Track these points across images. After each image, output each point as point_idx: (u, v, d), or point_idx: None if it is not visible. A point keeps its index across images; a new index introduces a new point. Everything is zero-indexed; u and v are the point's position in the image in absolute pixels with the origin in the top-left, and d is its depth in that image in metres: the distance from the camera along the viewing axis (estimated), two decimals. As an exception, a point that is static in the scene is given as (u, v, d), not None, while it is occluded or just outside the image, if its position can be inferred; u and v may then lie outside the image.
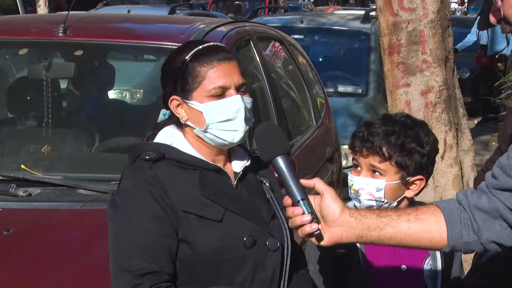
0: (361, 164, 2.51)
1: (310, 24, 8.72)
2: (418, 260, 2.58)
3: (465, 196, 1.94)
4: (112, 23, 4.49)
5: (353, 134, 2.56)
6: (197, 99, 2.20)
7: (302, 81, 5.08)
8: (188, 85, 2.21)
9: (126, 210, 2.13)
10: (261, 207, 2.26)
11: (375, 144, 2.47)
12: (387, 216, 1.95)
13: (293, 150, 4.31)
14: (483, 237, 1.90)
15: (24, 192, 3.05)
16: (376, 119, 2.58)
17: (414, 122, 2.57)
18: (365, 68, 7.66)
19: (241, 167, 2.28)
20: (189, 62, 2.21)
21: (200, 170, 2.20)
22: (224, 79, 2.20)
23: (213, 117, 2.19)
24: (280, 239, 2.22)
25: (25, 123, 3.77)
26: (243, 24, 4.54)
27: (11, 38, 3.91)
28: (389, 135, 2.49)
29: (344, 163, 6.41)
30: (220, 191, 2.19)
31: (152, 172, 2.15)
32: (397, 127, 2.50)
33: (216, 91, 2.19)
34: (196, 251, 2.12)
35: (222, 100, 2.19)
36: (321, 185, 1.99)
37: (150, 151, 2.19)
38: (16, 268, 2.67)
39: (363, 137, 2.50)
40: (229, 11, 18.75)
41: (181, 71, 2.21)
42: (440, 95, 4.47)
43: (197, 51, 2.22)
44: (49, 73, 3.73)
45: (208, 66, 2.20)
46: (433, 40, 4.44)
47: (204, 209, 2.14)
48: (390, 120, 2.56)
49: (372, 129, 2.50)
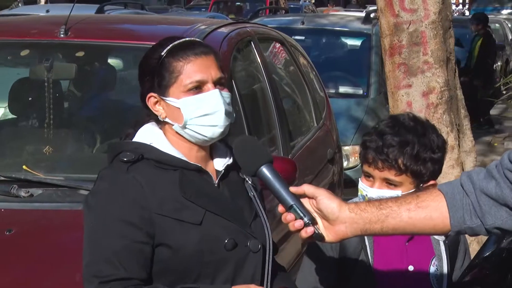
0: (374, 176, 2.48)
1: (311, 25, 8.72)
2: (425, 260, 2.57)
3: (469, 179, 1.90)
4: (113, 25, 4.49)
5: (364, 144, 2.52)
6: (174, 95, 2.16)
7: (303, 82, 5.08)
8: (165, 81, 2.17)
9: (100, 213, 2.09)
10: (243, 206, 2.22)
11: (390, 157, 2.44)
12: (387, 207, 1.93)
13: (294, 151, 4.31)
14: (488, 223, 1.86)
15: (25, 192, 3.05)
16: (384, 126, 2.53)
17: (424, 126, 2.54)
18: (366, 69, 7.66)
19: (223, 166, 2.23)
20: (165, 58, 2.17)
21: (181, 170, 2.15)
22: (201, 74, 2.16)
23: (191, 113, 2.15)
24: (262, 240, 2.19)
25: (26, 124, 3.78)
26: (244, 25, 4.54)
27: (13, 39, 3.92)
28: (404, 146, 2.45)
29: (345, 164, 6.41)
30: (201, 192, 2.14)
31: (129, 175, 2.10)
32: (410, 135, 2.47)
33: (193, 85, 2.15)
34: (175, 255, 2.08)
35: (199, 95, 2.15)
36: (311, 189, 1.98)
37: (128, 151, 2.15)
38: (17, 268, 2.67)
39: (378, 149, 2.46)
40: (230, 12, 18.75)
41: (158, 67, 2.17)
42: (441, 96, 4.47)
43: (173, 46, 2.18)
44: (51, 74, 3.73)
45: (184, 61, 2.16)
46: (435, 41, 4.45)
47: (183, 212, 2.09)
48: (400, 126, 2.50)
49: (386, 140, 2.46)
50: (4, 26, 4.31)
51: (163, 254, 2.09)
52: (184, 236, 2.09)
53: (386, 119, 2.61)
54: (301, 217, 1.94)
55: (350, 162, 6.64)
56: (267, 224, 2.21)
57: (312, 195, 1.97)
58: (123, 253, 2.04)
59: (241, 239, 2.15)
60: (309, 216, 1.95)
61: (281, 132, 4.17)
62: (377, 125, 2.59)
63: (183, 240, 2.08)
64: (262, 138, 4.15)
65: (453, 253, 2.64)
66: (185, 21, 4.90)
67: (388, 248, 2.54)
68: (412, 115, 2.61)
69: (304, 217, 1.94)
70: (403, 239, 2.55)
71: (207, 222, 2.11)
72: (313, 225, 1.94)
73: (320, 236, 1.96)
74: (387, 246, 2.54)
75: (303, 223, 1.93)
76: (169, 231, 2.08)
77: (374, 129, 2.56)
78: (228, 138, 2.28)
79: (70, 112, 3.95)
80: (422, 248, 2.57)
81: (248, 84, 4.33)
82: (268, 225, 2.21)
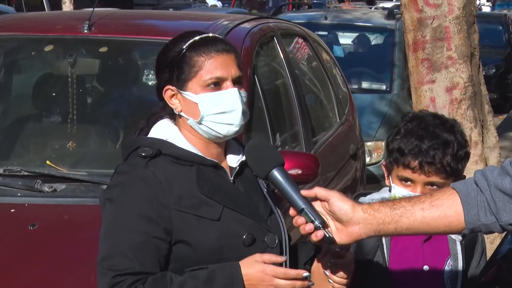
0: (417, 181, 2.43)
1: (334, 21, 8.69)
2: (440, 260, 2.55)
3: (483, 176, 1.89)
4: (137, 20, 4.51)
5: (400, 149, 2.45)
6: (192, 89, 2.15)
7: (325, 77, 5.06)
8: (184, 74, 2.15)
9: (118, 207, 2.08)
10: (258, 203, 2.21)
11: (437, 160, 2.40)
12: (400, 207, 1.92)
13: (316, 146, 4.30)
14: (503, 219, 1.85)
15: (49, 187, 3.07)
16: (415, 127, 2.47)
17: (450, 122, 2.51)
18: (389, 65, 7.63)
19: (237, 162, 2.22)
20: (187, 52, 2.16)
21: (197, 166, 2.14)
22: (221, 71, 2.15)
23: (208, 109, 2.14)
24: (278, 235, 2.18)
25: (50, 119, 3.80)
26: (266, 21, 4.53)
27: (37, 34, 3.94)
28: (446, 146, 2.42)
29: (368, 160, 6.39)
30: (217, 187, 2.13)
31: (149, 170, 2.10)
32: (446, 134, 2.44)
33: (212, 81, 2.14)
34: (194, 251, 2.07)
35: (218, 92, 2.14)
36: (322, 191, 1.97)
37: (145, 146, 2.14)
38: (41, 263, 2.69)
39: (422, 154, 2.41)
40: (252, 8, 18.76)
41: (178, 61, 2.16)
42: (465, 92, 4.44)
43: (195, 41, 2.17)
44: (74, 70, 3.75)
45: (206, 57, 2.14)
46: (459, 36, 4.42)
47: (201, 208, 2.09)
48: (430, 125, 2.46)
49: (427, 143, 2.41)
50: (28, 21, 4.34)
51: (182, 251, 2.08)
52: (203, 233, 2.08)
53: (408, 118, 2.55)
54: (312, 220, 1.94)
55: (373, 157, 6.62)
56: (282, 220, 2.21)
57: (324, 198, 1.96)
58: (139, 248, 2.03)
59: (258, 234, 2.14)
60: (320, 219, 1.94)
61: (304, 128, 4.16)
62: (403, 126, 2.51)
63: (202, 237, 2.08)
64: (285, 134, 4.14)
65: (470, 253, 2.61)
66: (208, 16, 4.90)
67: (405, 247, 2.52)
68: (430, 112, 2.58)
69: (315, 221, 1.93)
70: (420, 239, 2.53)
71: (225, 218, 2.10)
72: (323, 228, 1.94)
73: (331, 239, 1.95)
74: (404, 246, 2.52)
75: (314, 226, 1.93)
76: (187, 228, 2.08)
77: (403, 131, 2.49)
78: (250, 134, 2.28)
79: (93, 108, 3.97)
80: (438, 248, 2.55)
81: (270, 79, 4.33)
82: (283, 221, 2.21)
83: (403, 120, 2.54)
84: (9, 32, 3.98)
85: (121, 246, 2.04)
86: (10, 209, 2.96)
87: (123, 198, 2.09)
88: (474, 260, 2.64)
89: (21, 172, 3.19)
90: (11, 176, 3.18)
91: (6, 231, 2.87)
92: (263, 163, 2.06)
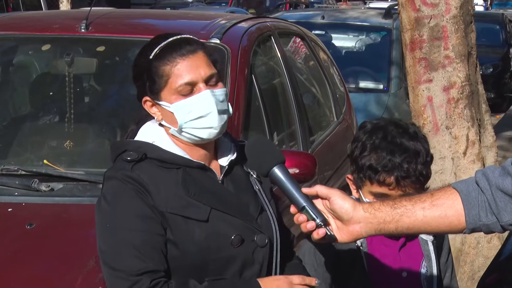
0: (392, 195, 2.37)
1: (331, 20, 8.69)
2: (416, 264, 2.55)
3: (484, 176, 1.89)
4: (134, 19, 4.51)
5: (372, 166, 2.39)
6: (166, 99, 2.13)
7: (323, 77, 5.07)
8: (156, 85, 2.14)
9: (113, 211, 2.08)
10: (248, 201, 2.20)
11: (411, 172, 2.36)
12: (401, 206, 1.92)
13: (314, 146, 4.31)
14: (504, 219, 1.86)
15: (46, 187, 3.07)
16: (381, 140, 2.41)
17: (412, 130, 2.46)
18: (386, 64, 7.64)
19: (227, 161, 2.21)
20: (153, 62, 2.13)
21: (184, 168, 2.13)
22: (190, 75, 2.12)
23: (184, 116, 2.12)
24: (269, 234, 2.17)
25: (47, 118, 3.80)
26: (264, 20, 4.53)
27: (34, 34, 3.94)
28: (417, 156, 2.39)
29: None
30: (204, 189, 2.12)
31: (134, 173, 2.09)
32: (413, 142, 2.41)
33: (183, 88, 2.11)
34: (182, 252, 2.07)
35: (190, 98, 2.12)
36: (324, 189, 1.97)
37: (131, 150, 2.13)
38: (38, 262, 2.68)
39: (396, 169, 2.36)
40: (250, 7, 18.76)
41: (147, 71, 2.14)
42: (462, 91, 4.44)
43: (159, 49, 2.14)
44: (72, 69, 3.75)
45: (171, 64, 2.12)
46: (456, 35, 4.42)
47: (189, 210, 2.08)
48: (396, 136, 2.41)
49: (399, 157, 2.37)
50: (25, 21, 4.34)
51: (170, 251, 2.08)
52: (191, 233, 2.08)
53: (369, 130, 2.47)
54: (313, 218, 1.93)
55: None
56: (273, 217, 2.20)
57: (325, 196, 1.96)
58: (145, 247, 2.03)
59: (247, 234, 2.14)
60: (321, 217, 1.94)
61: (301, 127, 4.16)
62: (367, 140, 2.44)
63: (191, 237, 2.08)
64: (282, 133, 4.14)
65: (439, 251, 2.61)
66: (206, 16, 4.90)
67: (383, 256, 2.51)
68: (388, 120, 2.53)
69: (316, 219, 1.93)
70: (396, 246, 2.52)
71: (213, 219, 2.10)
72: (325, 226, 1.94)
73: (332, 237, 1.95)
74: (382, 255, 2.51)
75: (315, 224, 1.93)
76: (176, 229, 2.07)
77: (370, 146, 2.42)
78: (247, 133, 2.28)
79: (90, 107, 3.97)
80: (412, 252, 2.54)
81: (268, 79, 4.33)
82: (275, 218, 2.21)
83: (365, 132, 2.47)
84: (6, 31, 3.98)
85: (129, 249, 2.03)
86: (8, 208, 2.96)
87: (116, 202, 2.09)
88: (442, 257, 2.63)
89: (19, 171, 3.19)
90: (9, 175, 3.17)
91: (3, 230, 2.86)
92: (264, 161, 2.05)
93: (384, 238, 2.49)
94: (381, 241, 2.49)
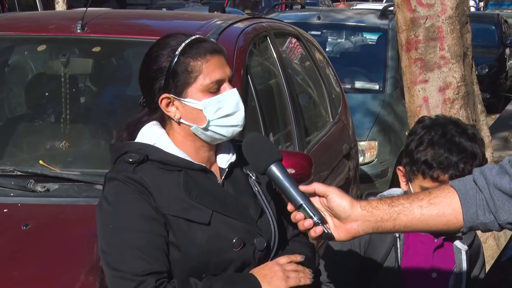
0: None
1: (327, 20, 8.70)
2: (448, 269, 2.54)
3: (482, 175, 1.90)
4: (130, 20, 4.50)
5: (428, 162, 2.39)
6: (193, 96, 2.09)
7: (319, 77, 5.07)
8: (182, 81, 2.09)
9: (116, 212, 2.05)
10: (248, 203, 2.18)
11: (466, 175, 2.30)
12: (399, 204, 1.92)
13: (309, 146, 4.31)
14: (501, 218, 1.86)
15: (42, 187, 3.07)
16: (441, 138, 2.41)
17: (470, 132, 2.47)
18: (382, 65, 7.64)
19: (227, 163, 2.20)
20: (180, 57, 2.09)
21: (185, 171, 2.11)
22: (220, 72, 2.10)
23: (213, 114, 2.10)
24: (268, 237, 2.16)
25: (43, 119, 3.79)
26: (260, 20, 4.53)
27: (30, 34, 3.94)
28: (474, 158, 2.39)
29: (361, 160, 6.40)
30: (206, 192, 2.11)
31: (136, 175, 2.07)
32: (470, 144, 2.41)
33: (213, 85, 2.09)
34: (184, 255, 2.06)
35: (220, 96, 2.10)
36: (321, 187, 1.97)
37: (132, 152, 2.11)
38: (34, 263, 2.68)
39: (450, 167, 2.36)
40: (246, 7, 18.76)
41: (172, 67, 2.08)
42: (458, 92, 4.45)
43: (186, 45, 2.10)
44: (67, 69, 3.75)
45: (202, 60, 2.09)
46: (451, 36, 4.43)
47: (191, 212, 2.07)
48: (456, 135, 2.42)
49: (456, 156, 2.37)
50: (21, 21, 4.33)
51: (172, 254, 2.07)
52: (193, 236, 2.06)
53: (428, 126, 2.47)
54: (311, 216, 1.93)
55: (366, 157, 6.63)
56: (273, 220, 2.20)
57: (322, 194, 1.96)
58: (148, 247, 2.02)
59: (248, 237, 2.13)
60: (318, 215, 1.94)
61: (297, 128, 4.16)
62: (425, 135, 2.44)
63: (193, 240, 2.06)
64: (278, 134, 4.15)
65: (472, 264, 2.61)
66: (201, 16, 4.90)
67: (417, 252, 2.52)
68: (448, 118, 2.52)
69: (313, 217, 1.93)
70: (431, 246, 2.53)
71: (215, 222, 2.09)
72: (322, 224, 1.93)
73: (329, 235, 1.95)
74: (416, 251, 2.52)
75: (313, 222, 1.93)
76: (178, 232, 2.06)
77: (427, 141, 2.42)
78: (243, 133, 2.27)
79: (86, 107, 3.97)
80: (445, 257, 2.54)
81: (264, 79, 4.33)
82: (275, 220, 2.20)
83: (423, 127, 2.48)
84: (1, 32, 3.97)
85: (132, 250, 2.01)
86: (3, 209, 2.95)
87: (119, 203, 2.07)
88: (475, 270, 2.63)
89: (14, 172, 3.18)
90: (4, 176, 3.17)
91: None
92: (261, 158, 2.04)
93: (421, 235, 2.49)
94: (418, 237, 2.49)
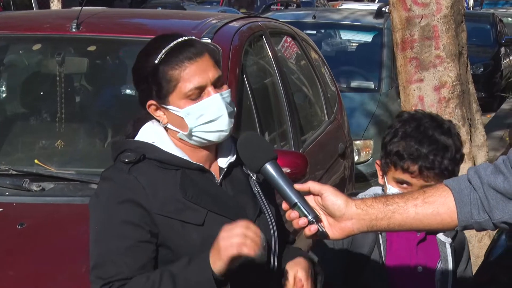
0: (414, 184, 2.41)
1: (323, 20, 8.70)
2: (432, 262, 2.56)
3: (476, 174, 1.90)
4: (125, 19, 4.50)
5: (399, 153, 2.43)
6: (174, 103, 2.10)
7: (314, 76, 5.07)
8: (163, 89, 2.10)
9: (103, 215, 2.07)
10: (246, 204, 2.18)
11: (436, 165, 2.38)
12: (393, 203, 1.92)
13: (305, 145, 4.31)
14: (496, 217, 1.86)
15: (37, 186, 3.07)
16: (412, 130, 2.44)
17: (446, 126, 2.48)
18: (378, 64, 7.65)
19: (226, 163, 2.20)
20: (160, 66, 2.09)
21: (183, 170, 2.11)
22: (199, 78, 2.09)
23: (195, 121, 2.10)
24: (267, 237, 2.14)
25: (38, 118, 3.79)
26: (255, 20, 4.53)
27: (25, 33, 3.93)
28: (445, 151, 2.41)
29: (357, 159, 6.40)
30: (202, 192, 2.11)
31: (131, 176, 2.08)
32: (444, 137, 2.43)
33: (193, 92, 2.09)
34: (177, 256, 2.05)
35: (201, 102, 2.09)
36: (316, 186, 1.97)
37: (130, 150, 2.11)
38: (30, 262, 2.68)
39: (421, 158, 2.39)
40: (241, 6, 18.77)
41: (153, 76, 2.10)
42: (453, 91, 4.45)
43: (164, 53, 2.10)
44: (62, 69, 3.74)
45: (180, 68, 2.08)
46: (447, 35, 4.43)
47: (185, 213, 2.06)
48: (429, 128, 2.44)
49: (427, 147, 2.40)
50: (16, 20, 4.33)
51: (165, 255, 2.07)
52: (186, 237, 2.06)
53: (404, 119, 2.51)
54: (305, 215, 1.93)
55: (361, 156, 6.64)
56: (272, 219, 2.19)
57: (317, 192, 1.96)
58: (127, 254, 2.02)
59: None
60: (313, 214, 1.94)
61: (292, 127, 4.16)
62: (400, 128, 2.48)
63: (186, 241, 2.06)
64: (273, 133, 4.15)
65: (458, 256, 2.62)
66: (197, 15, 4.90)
67: (400, 247, 2.53)
68: (426, 113, 2.55)
69: (308, 215, 1.93)
70: (414, 240, 2.54)
71: (209, 223, 2.08)
72: (317, 223, 1.94)
73: (324, 234, 1.95)
74: (399, 246, 2.53)
75: (307, 221, 1.93)
76: (171, 233, 2.06)
77: (401, 133, 2.46)
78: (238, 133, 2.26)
79: (81, 106, 3.97)
80: (429, 250, 2.56)
81: (259, 78, 4.33)
82: (274, 221, 2.19)
83: (400, 121, 2.51)
84: (-4, 31, 3.97)
85: (110, 253, 2.03)
86: (-2, 208, 2.95)
87: (107, 205, 2.08)
88: (461, 263, 2.64)
89: (9, 171, 3.18)
90: (-1, 175, 3.17)
91: (-6, 230, 2.86)
92: (255, 157, 2.04)
93: None
94: (400, 232, 2.49)
